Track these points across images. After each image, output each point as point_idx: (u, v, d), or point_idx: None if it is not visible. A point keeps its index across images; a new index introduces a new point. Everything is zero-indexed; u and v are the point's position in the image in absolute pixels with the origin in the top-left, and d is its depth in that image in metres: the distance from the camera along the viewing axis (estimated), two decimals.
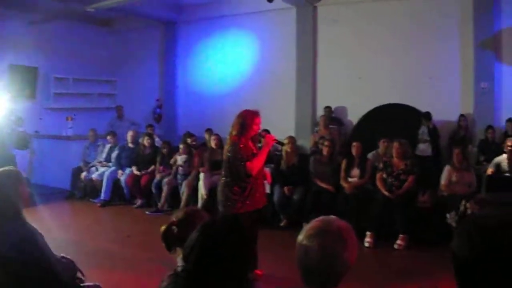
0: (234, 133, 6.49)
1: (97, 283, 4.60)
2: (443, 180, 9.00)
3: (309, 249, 2.40)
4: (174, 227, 3.40)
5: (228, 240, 2.72)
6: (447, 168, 9.08)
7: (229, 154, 6.44)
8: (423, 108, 11.70)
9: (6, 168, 4.15)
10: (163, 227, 3.44)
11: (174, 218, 3.46)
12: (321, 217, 2.58)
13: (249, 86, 14.16)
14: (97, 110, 16.08)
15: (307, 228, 2.51)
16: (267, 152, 6.56)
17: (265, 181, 7.05)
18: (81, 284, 4.38)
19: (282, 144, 7.19)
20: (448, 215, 8.27)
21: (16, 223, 3.79)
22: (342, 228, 2.48)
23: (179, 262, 3.22)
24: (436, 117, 11.44)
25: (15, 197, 3.89)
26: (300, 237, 2.48)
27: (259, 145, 7.68)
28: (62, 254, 4.40)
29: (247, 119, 6.49)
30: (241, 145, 6.37)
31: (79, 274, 4.44)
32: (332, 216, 2.59)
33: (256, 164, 6.39)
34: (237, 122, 6.52)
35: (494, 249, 1.70)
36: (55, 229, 9.35)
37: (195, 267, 2.70)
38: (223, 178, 6.55)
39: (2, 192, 3.81)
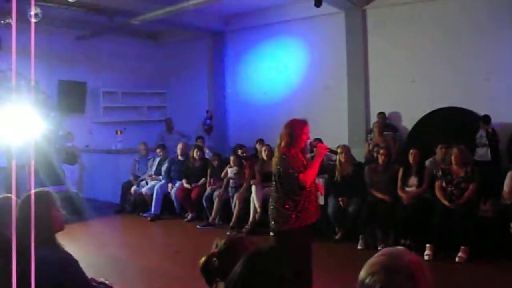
0: (282, 144, 6.12)
1: None
2: (506, 187, 8.55)
3: None
4: (214, 258, 3.11)
5: (275, 275, 2.41)
6: (510, 174, 8.63)
7: (279, 167, 6.08)
8: (480, 111, 11.28)
9: (37, 190, 3.94)
10: (202, 259, 3.16)
11: (214, 247, 3.17)
12: (386, 249, 2.18)
13: (299, 94, 13.91)
14: (147, 123, 16.09)
15: (370, 263, 2.11)
16: (320, 163, 6.22)
17: (318, 193, 6.71)
18: None
19: (335, 153, 6.84)
20: (511, 224, 7.86)
21: (50, 249, 3.62)
22: (412, 263, 2.05)
23: None
24: (494, 119, 11.00)
25: (47, 220, 3.71)
26: (362, 274, 2.06)
27: (311, 154, 7.34)
28: (101, 279, 4.18)
29: (296, 129, 6.13)
30: (291, 157, 6.04)
31: None
32: (400, 248, 2.19)
33: (310, 176, 6.03)
34: (285, 132, 6.15)
35: None
36: (104, 245, 9.29)
37: None
38: (274, 194, 6.20)
39: (33, 215, 3.61)
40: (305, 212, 6.07)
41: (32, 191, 3.83)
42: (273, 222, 6.10)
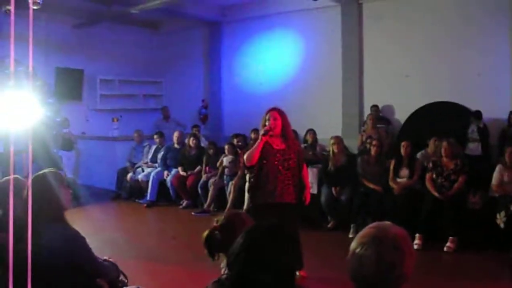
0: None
1: (140, 287, 4.55)
2: (494, 180, 8.72)
3: (364, 259, 2.24)
4: (216, 232, 3.31)
5: (274, 246, 2.61)
6: (498, 168, 8.79)
7: None
8: (472, 106, 11.46)
9: (46, 170, 4.11)
10: (205, 233, 3.36)
11: (215, 223, 3.38)
12: (375, 223, 2.42)
13: (294, 85, 14.05)
14: (143, 111, 16.17)
15: (360, 235, 2.36)
16: (260, 147, 6.53)
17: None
18: (124, 287, 4.34)
19: (265, 133, 6.99)
20: (498, 215, 8.08)
21: (59, 226, 3.78)
22: (399, 235, 2.31)
23: (223, 268, 3.14)
24: (486, 115, 11.19)
25: (57, 199, 3.85)
26: (353, 245, 2.32)
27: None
28: (105, 257, 4.36)
29: (263, 117, 6.74)
30: (253, 140, 6.58)
31: (122, 277, 4.39)
32: (387, 222, 2.44)
33: (248, 155, 6.57)
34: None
35: None
36: (101, 230, 9.43)
37: (239, 275, 2.60)
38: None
39: (44, 195, 3.77)
40: (259, 192, 6.58)
41: (41, 172, 4.02)
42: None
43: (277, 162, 6.58)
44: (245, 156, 6.58)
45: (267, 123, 6.58)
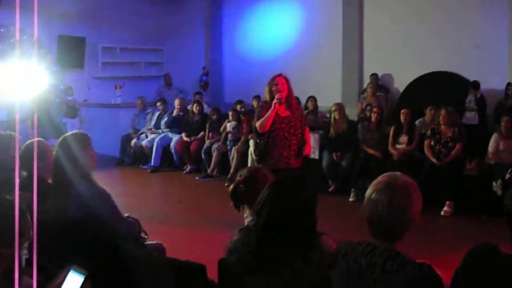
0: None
1: (160, 242, 4.80)
2: (490, 148, 9.01)
3: (379, 203, 2.55)
4: (241, 185, 3.57)
5: (297, 196, 2.89)
6: (494, 136, 9.07)
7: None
8: (469, 76, 11.67)
9: (74, 131, 4.35)
10: (231, 187, 3.62)
11: (239, 177, 3.64)
12: (388, 173, 2.73)
13: (295, 53, 14.19)
14: (145, 78, 16.23)
15: (375, 182, 2.67)
16: (273, 115, 6.69)
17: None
18: (145, 243, 4.58)
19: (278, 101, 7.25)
20: (494, 183, 8.32)
21: (86, 184, 3.99)
22: (408, 183, 2.64)
23: (247, 217, 3.41)
24: (483, 85, 11.40)
25: (83, 159, 4.05)
26: (369, 191, 2.64)
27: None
28: (127, 214, 4.59)
29: (268, 83, 6.86)
30: (261, 107, 6.74)
31: (142, 234, 4.63)
32: (398, 172, 2.75)
33: (262, 123, 6.73)
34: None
35: None
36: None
37: (266, 221, 2.88)
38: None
39: (71, 155, 3.99)
40: (267, 157, 6.78)
41: (69, 133, 4.26)
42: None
43: (282, 129, 6.79)
44: (257, 124, 6.74)
45: (273, 89, 6.72)
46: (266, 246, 2.87)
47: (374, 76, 12.74)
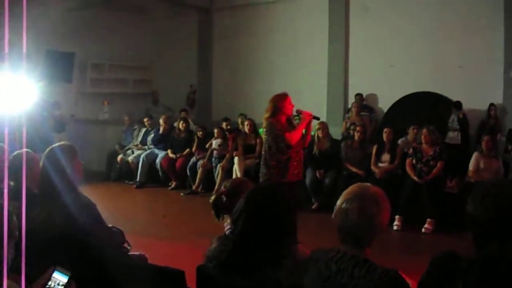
0: (269, 115, 6.98)
1: (142, 253, 4.90)
2: (471, 166, 9.20)
3: (349, 211, 2.69)
4: (223, 196, 3.71)
5: (272, 205, 3.03)
6: (475, 155, 9.27)
7: (267, 133, 6.96)
8: (453, 97, 11.82)
9: (62, 143, 4.45)
10: (212, 197, 3.76)
11: (223, 187, 3.78)
12: (358, 183, 2.88)
13: (282, 72, 14.29)
14: (133, 95, 16.31)
15: (346, 192, 2.81)
16: (305, 127, 6.99)
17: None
18: (128, 253, 4.68)
19: (317, 118, 7.55)
20: None
21: (72, 195, 4.08)
22: (377, 193, 2.78)
23: (227, 226, 3.54)
24: (466, 105, 11.55)
25: (70, 169, 4.14)
26: (340, 201, 2.79)
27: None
28: (110, 225, 4.69)
29: (279, 101, 6.99)
30: (277, 123, 6.80)
31: (125, 244, 4.73)
32: (367, 183, 2.90)
33: (295, 135, 6.87)
34: (270, 106, 7.02)
35: (504, 209, 2.33)
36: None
37: (242, 229, 3.01)
38: (264, 156, 7.03)
39: (58, 166, 4.08)
40: (287, 170, 6.91)
41: (55, 144, 4.36)
42: (261, 180, 6.84)
43: (299, 144, 7.11)
44: (291, 135, 6.85)
45: (289, 106, 7.04)
46: (242, 253, 3.00)
47: (358, 96, 12.89)
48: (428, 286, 2.56)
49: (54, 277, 2.59)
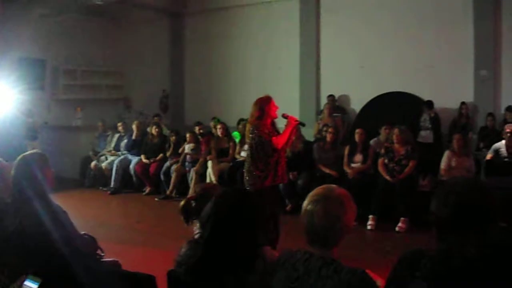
0: (253, 118, 6.97)
1: (116, 259, 4.89)
2: (442, 164, 9.28)
3: (314, 213, 2.72)
4: (192, 201, 3.72)
5: (240, 208, 3.05)
6: (447, 153, 9.35)
7: (252, 136, 6.87)
8: (425, 96, 11.97)
9: (33, 151, 4.44)
10: (182, 202, 3.77)
11: (192, 193, 3.80)
12: (323, 186, 2.91)
13: (253, 75, 14.39)
14: (105, 101, 16.25)
15: (311, 194, 2.83)
16: (290, 131, 6.90)
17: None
18: (101, 260, 4.67)
19: (303, 124, 7.56)
20: None
21: (43, 202, 4.05)
22: (342, 194, 2.81)
23: (196, 231, 3.55)
24: (438, 104, 11.70)
25: (41, 178, 4.13)
26: (306, 203, 2.81)
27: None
28: (83, 232, 4.68)
29: (264, 103, 6.95)
30: (262, 126, 6.79)
31: (98, 251, 4.73)
32: (333, 185, 2.93)
33: (281, 139, 6.83)
34: (255, 108, 6.97)
35: (464, 206, 2.42)
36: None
37: (211, 234, 3.03)
38: (247, 160, 7.01)
39: (29, 174, 4.08)
40: (273, 174, 6.91)
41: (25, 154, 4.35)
42: (247, 186, 6.83)
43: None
44: (277, 139, 6.83)
45: (273, 109, 7.00)
46: (211, 257, 3.02)
47: (331, 97, 12.97)
48: (393, 283, 2.59)
49: (25, 285, 2.60)
